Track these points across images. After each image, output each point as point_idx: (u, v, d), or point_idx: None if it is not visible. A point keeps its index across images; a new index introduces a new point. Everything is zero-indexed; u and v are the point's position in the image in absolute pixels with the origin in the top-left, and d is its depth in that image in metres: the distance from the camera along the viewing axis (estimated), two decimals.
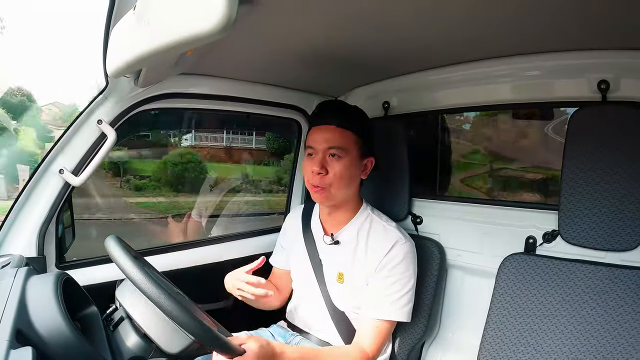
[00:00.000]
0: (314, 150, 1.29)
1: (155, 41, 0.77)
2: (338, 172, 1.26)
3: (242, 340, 0.95)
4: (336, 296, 1.35)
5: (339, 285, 1.35)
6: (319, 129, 1.29)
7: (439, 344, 1.60)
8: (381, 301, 1.26)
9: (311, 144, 1.30)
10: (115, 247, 0.90)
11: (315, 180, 1.27)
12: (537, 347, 1.21)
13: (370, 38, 1.20)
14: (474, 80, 1.46)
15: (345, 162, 1.26)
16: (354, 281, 1.32)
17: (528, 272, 1.27)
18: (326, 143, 1.26)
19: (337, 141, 1.26)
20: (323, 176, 1.26)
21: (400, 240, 1.29)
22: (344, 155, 1.26)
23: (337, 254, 1.36)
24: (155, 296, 0.82)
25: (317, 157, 1.27)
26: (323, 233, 1.41)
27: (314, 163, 1.27)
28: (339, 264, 1.35)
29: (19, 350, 0.74)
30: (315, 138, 1.29)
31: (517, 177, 2.28)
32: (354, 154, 1.28)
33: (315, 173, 1.26)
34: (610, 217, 1.16)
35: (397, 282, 1.26)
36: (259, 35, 1.14)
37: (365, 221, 1.36)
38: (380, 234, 1.32)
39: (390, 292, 1.26)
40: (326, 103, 1.39)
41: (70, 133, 1.27)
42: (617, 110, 1.17)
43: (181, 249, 1.64)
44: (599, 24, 1.05)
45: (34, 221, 1.24)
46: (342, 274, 1.34)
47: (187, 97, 1.48)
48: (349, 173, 1.28)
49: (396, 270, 1.26)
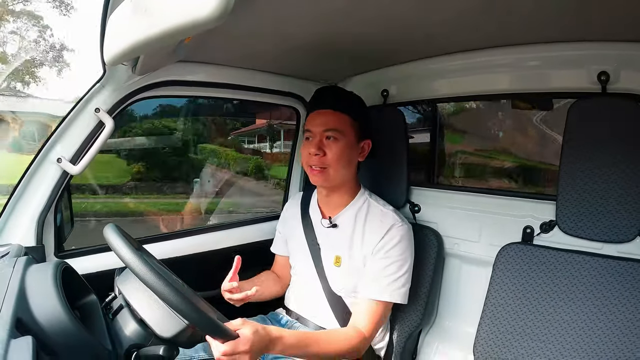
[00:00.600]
0: (312, 133, 1.33)
1: (153, 29, 0.76)
2: (335, 153, 1.30)
3: (236, 326, 0.95)
4: (333, 280, 1.37)
5: (336, 269, 1.36)
6: (316, 113, 1.34)
7: (436, 332, 1.62)
8: (377, 282, 1.27)
9: (309, 127, 1.34)
10: (114, 235, 0.90)
11: (313, 161, 1.31)
12: (532, 336, 1.23)
13: (369, 26, 1.19)
14: (474, 70, 1.45)
15: (341, 143, 1.30)
16: (351, 265, 1.34)
17: (525, 261, 1.28)
18: (323, 126, 1.30)
19: (333, 123, 1.30)
20: (320, 157, 1.30)
21: (397, 223, 1.31)
22: (341, 137, 1.30)
23: (335, 237, 1.38)
24: (150, 280, 0.83)
25: (315, 139, 1.31)
26: (321, 217, 1.43)
27: (312, 145, 1.31)
28: (336, 247, 1.37)
29: (19, 339, 0.74)
30: (312, 122, 1.33)
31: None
32: (350, 136, 1.32)
33: (313, 154, 1.30)
34: (607, 208, 1.17)
35: (394, 264, 1.28)
36: (257, 22, 1.13)
37: (363, 205, 1.38)
38: (377, 217, 1.34)
39: (387, 273, 1.27)
40: (323, 89, 1.42)
41: (68, 122, 1.26)
42: (617, 102, 1.16)
43: (180, 236, 1.65)
44: (600, 15, 1.04)
45: (32, 210, 1.24)
46: (340, 257, 1.36)
47: (185, 84, 1.47)
48: (346, 154, 1.31)
49: (392, 252, 1.28)
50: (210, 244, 1.69)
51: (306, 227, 1.45)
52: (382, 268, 1.28)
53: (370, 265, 1.30)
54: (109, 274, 1.10)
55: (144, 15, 0.79)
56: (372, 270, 1.29)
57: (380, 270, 1.28)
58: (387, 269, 1.27)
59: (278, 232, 1.61)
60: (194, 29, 0.70)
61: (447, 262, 1.60)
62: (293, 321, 1.45)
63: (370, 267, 1.30)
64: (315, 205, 1.48)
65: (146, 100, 1.40)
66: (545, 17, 1.08)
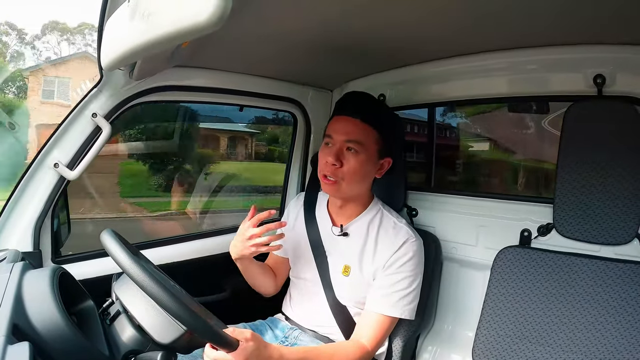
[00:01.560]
0: (332, 140, 1.26)
1: (150, 34, 0.77)
2: (352, 167, 1.23)
3: (238, 335, 0.93)
4: (340, 289, 1.34)
5: (344, 278, 1.33)
6: (341, 119, 1.26)
7: (434, 337, 1.61)
8: (387, 297, 1.25)
9: (330, 133, 1.27)
10: (111, 241, 0.90)
11: (328, 170, 1.24)
12: (531, 340, 1.22)
13: (366, 30, 1.20)
14: (471, 73, 1.46)
15: (361, 158, 1.24)
16: (360, 275, 1.30)
17: (523, 265, 1.28)
18: (345, 135, 1.23)
19: (356, 135, 1.23)
20: (336, 168, 1.23)
21: (410, 238, 1.28)
22: (361, 151, 1.23)
23: (346, 246, 1.34)
24: (147, 285, 0.82)
25: (335, 147, 1.25)
26: (331, 224, 1.39)
27: (330, 153, 1.24)
28: (346, 256, 1.33)
29: (16, 345, 0.73)
30: (335, 128, 1.26)
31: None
32: (371, 152, 1.25)
33: (330, 164, 1.23)
34: (605, 210, 1.17)
35: (405, 280, 1.25)
36: (254, 27, 1.14)
37: (376, 216, 1.35)
38: (390, 231, 1.31)
39: (397, 289, 1.25)
40: (354, 94, 1.35)
41: (65, 127, 1.26)
42: (613, 105, 1.17)
43: (178, 242, 1.64)
44: (597, 18, 1.05)
45: (29, 216, 1.23)
46: (349, 267, 1.32)
47: (182, 89, 1.47)
48: (363, 170, 1.25)
49: (405, 268, 1.26)
50: (208, 249, 1.68)
51: (311, 232, 1.41)
52: (393, 283, 1.25)
53: (381, 279, 1.27)
54: (106, 279, 1.09)
55: (141, 21, 0.79)
56: (383, 284, 1.26)
57: (391, 285, 1.25)
58: (398, 284, 1.25)
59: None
60: (191, 34, 0.70)
61: (445, 266, 1.59)
62: (293, 328, 1.42)
63: (381, 281, 1.27)
64: (324, 210, 1.43)
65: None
66: (541, 20, 1.09)
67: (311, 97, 1.82)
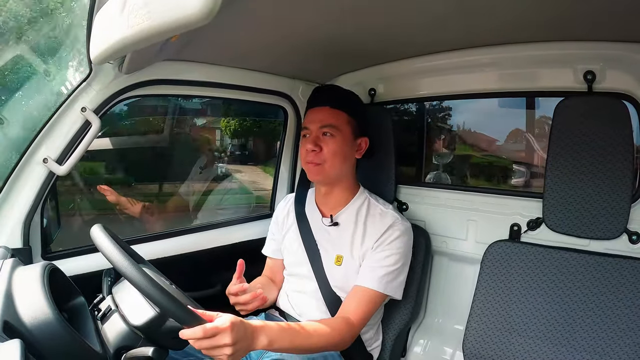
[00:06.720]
0: (309, 130, 1.35)
1: (139, 27, 0.75)
2: (331, 148, 1.32)
3: (211, 316, 0.89)
4: (334, 279, 1.35)
5: (338, 268, 1.35)
6: (313, 110, 1.37)
7: (424, 330, 1.63)
8: (373, 271, 1.27)
9: (306, 124, 1.37)
10: (101, 236, 0.89)
11: (310, 156, 1.33)
12: (521, 333, 1.24)
13: (356, 25, 1.20)
14: (461, 69, 1.47)
15: (338, 140, 1.32)
16: (352, 261, 1.33)
17: (512, 259, 1.29)
18: (319, 122, 1.33)
19: (329, 120, 1.33)
20: (317, 153, 1.32)
21: (397, 221, 1.32)
22: (337, 133, 1.33)
23: (336, 236, 1.38)
24: (128, 270, 0.83)
25: (312, 136, 1.34)
26: (320, 216, 1.43)
27: (309, 141, 1.33)
28: (337, 246, 1.36)
29: (7, 342, 0.73)
30: (309, 119, 1.37)
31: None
32: (346, 133, 1.34)
33: (310, 150, 1.32)
34: (594, 205, 1.19)
35: (392, 256, 1.28)
36: (244, 21, 1.13)
37: (364, 203, 1.39)
38: (377, 217, 1.35)
39: (383, 264, 1.27)
40: (320, 87, 1.46)
41: (54, 121, 1.23)
42: (603, 100, 1.18)
43: (169, 236, 1.62)
44: (587, 14, 1.05)
45: (18, 212, 1.22)
46: (341, 256, 1.35)
47: (172, 83, 1.45)
48: (342, 150, 1.33)
49: (392, 245, 1.29)
50: (199, 244, 1.66)
51: (302, 227, 1.44)
52: (380, 259, 1.28)
53: (369, 258, 1.30)
54: (97, 275, 1.09)
55: (131, 14, 0.78)
56: (370, 260, 1.29)
57: (377, 260, 1.28)
58: (384, 261, 1.28)
59: (271, 233, 1.57)
60: (182, 27, 0.68)
61: (435, 260, 1.61)
62: (288, 322, 1.41)
63: (368, 260, 1.30)
64: (312, 204, 1.47)
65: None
66: (532, 16, 1.10)
67: (302, 91, 1.81)
